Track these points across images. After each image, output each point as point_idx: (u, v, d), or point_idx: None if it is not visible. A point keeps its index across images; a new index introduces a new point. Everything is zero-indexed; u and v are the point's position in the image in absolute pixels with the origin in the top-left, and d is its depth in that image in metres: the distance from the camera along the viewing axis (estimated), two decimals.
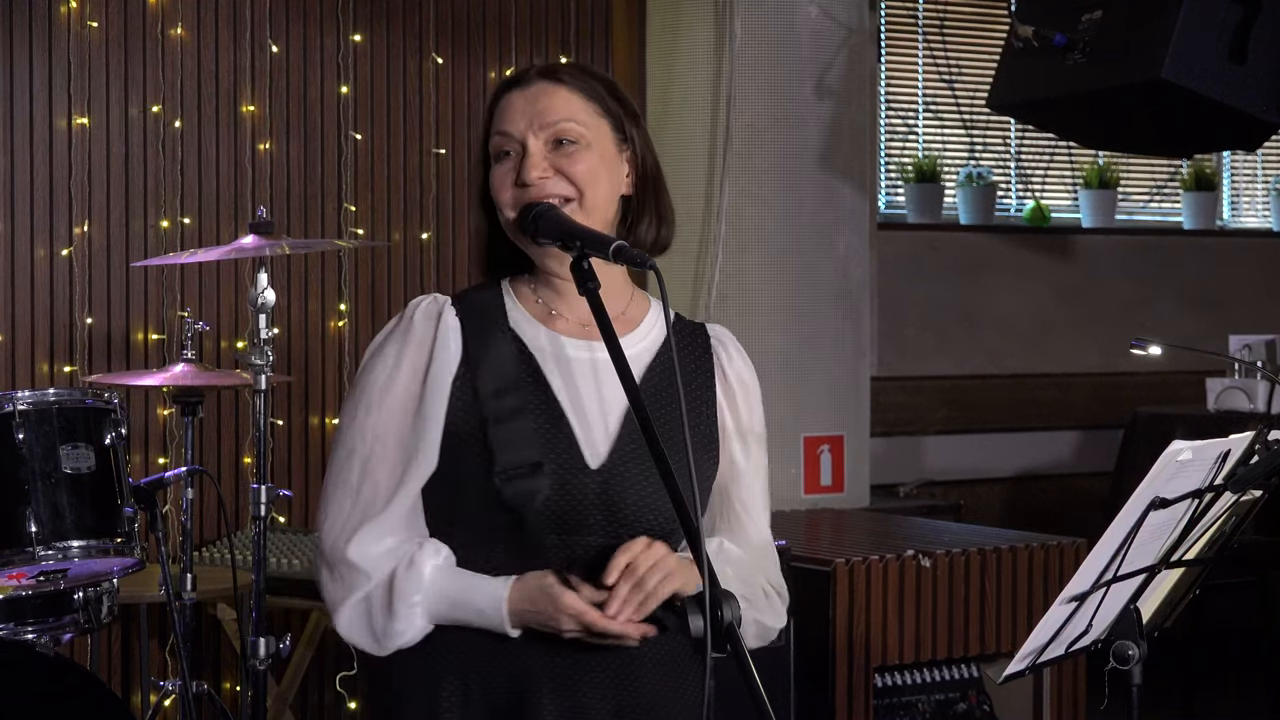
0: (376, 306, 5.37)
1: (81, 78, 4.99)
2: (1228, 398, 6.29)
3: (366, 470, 2.24)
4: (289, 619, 4.91)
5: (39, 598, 3.74)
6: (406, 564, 2.20)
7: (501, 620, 2.18)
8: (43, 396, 3.68)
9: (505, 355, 2.25)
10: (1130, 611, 2.63)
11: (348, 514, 2.23)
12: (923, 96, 7.12)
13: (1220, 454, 2.50)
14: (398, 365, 2.25)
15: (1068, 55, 4.82)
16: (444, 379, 2.23)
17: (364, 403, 2.25)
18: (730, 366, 2.41)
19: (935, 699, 4.57)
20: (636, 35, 5.73)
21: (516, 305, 2.30)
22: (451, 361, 2.24)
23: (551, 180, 2.25)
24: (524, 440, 2.20)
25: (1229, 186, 7.89)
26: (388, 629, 2.21)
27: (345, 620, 2.23)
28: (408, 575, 2.20)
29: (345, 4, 5.33)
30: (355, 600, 2.21)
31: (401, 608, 2.20)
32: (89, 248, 5.00)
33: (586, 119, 2.27)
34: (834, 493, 5.51)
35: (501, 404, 2.21)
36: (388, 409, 2.24)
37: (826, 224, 5.54)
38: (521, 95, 2.29)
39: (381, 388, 2.25)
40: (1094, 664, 2.76)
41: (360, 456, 2.24)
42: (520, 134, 2.26)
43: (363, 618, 2.22)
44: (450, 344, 2.25)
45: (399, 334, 2.27)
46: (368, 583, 2.21)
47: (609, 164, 2.28)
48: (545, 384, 2.24)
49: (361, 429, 2.25)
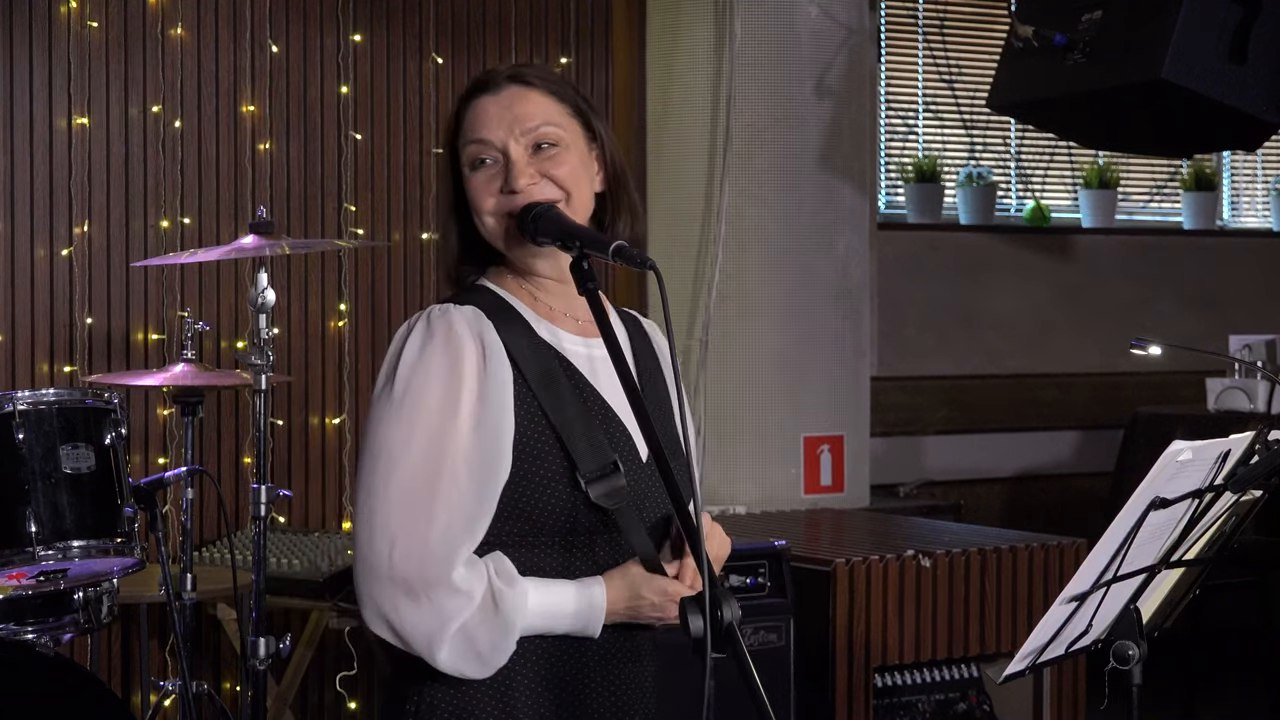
0: (376, 306, 5.37)
1: (81, 78, 4.99)
2: (1228, 398, 6.29)
3: (437, 491, 2.14)
4: (289, 619, 4.91)
5: (39, 598, 3.73)
6: (505, 580, 2.16)
7: (598, 621, 2.19)
8: (42, 396, 3.68)
9: (543, 358, 2.24)
10: (1130, 611, 2.63)
11: (425, 539, 2.13)
12: (923, 96, 7.12)
13: (1220, 454, 2.51)
14: (452, 380, 2.17)
15: (1068, 55, 4.82)
16: (504, 389, 2.19)
17: (421, 421, 2.16)
18: (663, 349, 2.44)
19: (935, 699, 4.57)
20: (636, 35, 5.73)
21: (525, 308, 2.29)
22: (506, 371, 2.20)
23: (539, 185, 2.25)
24: (597, 440, 2.21)
25: (1229, 186, 7.89)
26: (501, 647, 2.15)
27: (449, 650, 2.13)
28: (513, 592, 2.15)
29: (345, 4, 5.33)
30: (458, 627, 2.13)
31: (519, 622, 2.16)
32: (89, 248, 5.00)
33: (561, 120, 2.28)
34: (834, 493, 5.51)
35: (564, 407, 2.21)
36: (451, 426, 2.16)
37: (826, 224, 5.54)
38: (494, 101, 2.28)
39: (439, 404, 2.16)
40: (1094, 664, 2.76)
41: (426, 477, 2.14)
42: (500, 141, 2.25)
43: (467, 643, 2.14)
44: (500, 353, 2.20)
45: (440, 348, 2.18)
46: (470, 606, 2.13)
47: (585, 163, 2.30)
48: (587, 384, 2.26)
49: (424, 449, 2.15)
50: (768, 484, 5.37)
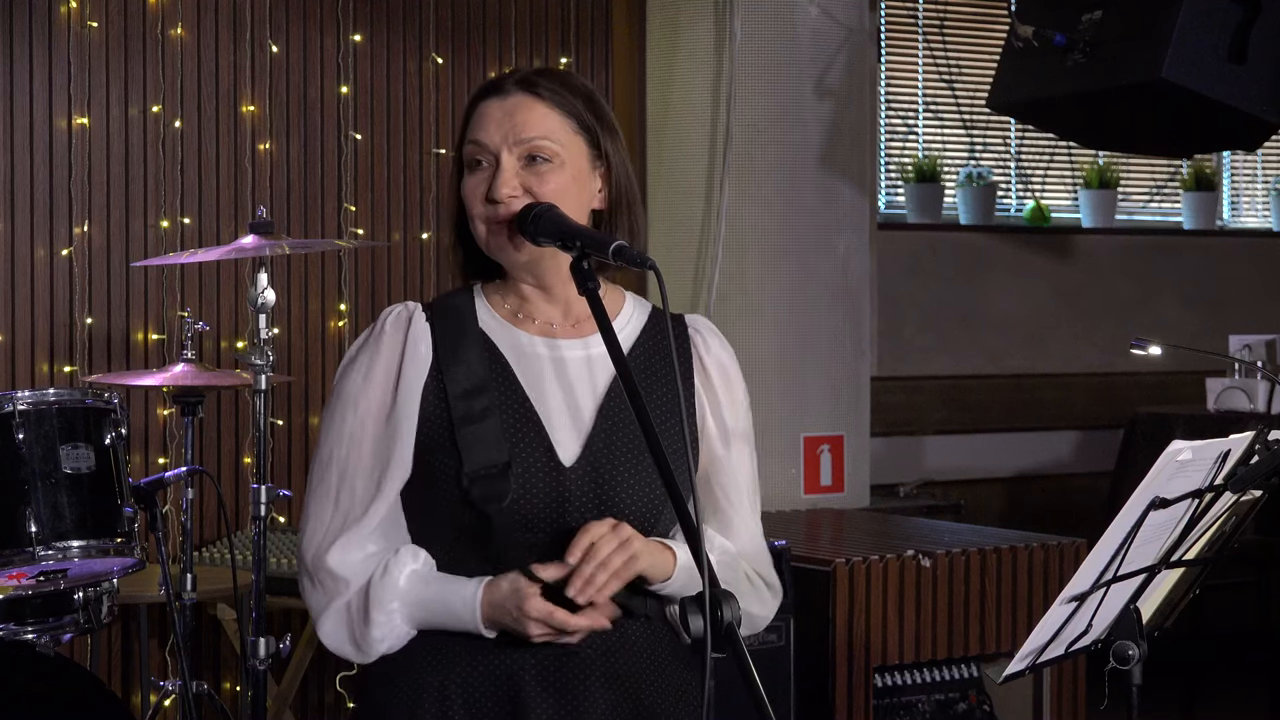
0: (376, 306, 5.36)
1: (81, 78, 5.00)
2: (1228, 398, 6.29)
3: (343, 478, 2.26)
4: (289, 619, 4.91)
5: (39, 598, 3.73)
6: (381, 571, 2.22)
7: (476, 624, 2.19)
8: (43, 396, 3.68)
9: (474, 357, 2.26)
10: (1130, 611, 2.63)
11: (327, 522, 2.26)
12: (923, 96, 7.12)
13: (1220, 454, 2.50)
14: (370, 373, 2.27)
15: (1068, 55, 4.82)
16: (415, 384, 2.25)
17: (339, 412, 2.28)
18: (709, 355, 2.38)
19: (935, 699, 4.57)
20: (636, 35, 5.73)
21: (487, 308, 2.31)
22: (422, 366, 2.25)
23: (519, 199, 2.24)
24: (492, 440, 2.21)
25: (1229, 186, 7.89)
26: (366, 636, 2.23)
27: (327, 629, 2.26)
28: (382, 582, 2.22)
29: (345, 4, 5.33)
30: (336, 608, 2.24)
31: (378, 615, 2.22)
32: (89, 248, 5.00)
33: (562, 136, 2.26)
34: (834, 493, 5.51)
35: (470, 405, 2.22)
36: (361, 417, 2.26)
37: (826, 224, 5.54)
38: (499, 106, 2.27)
39: (355, 396, 2.27)
40: (1094, 664, 2.76)
41: (337, 465, 2.27)
42: (495, 146, 2.26)
43: (343, 626, 2.24)
44: (420, 349, 2.26)
45: (370, 343, 2.29)
46: (347, 590, 2.23)
47: (580, 181, 2.28)
48: (515, 383, 2.25)
49: (338, 437, 2.27)
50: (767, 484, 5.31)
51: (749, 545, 2.40)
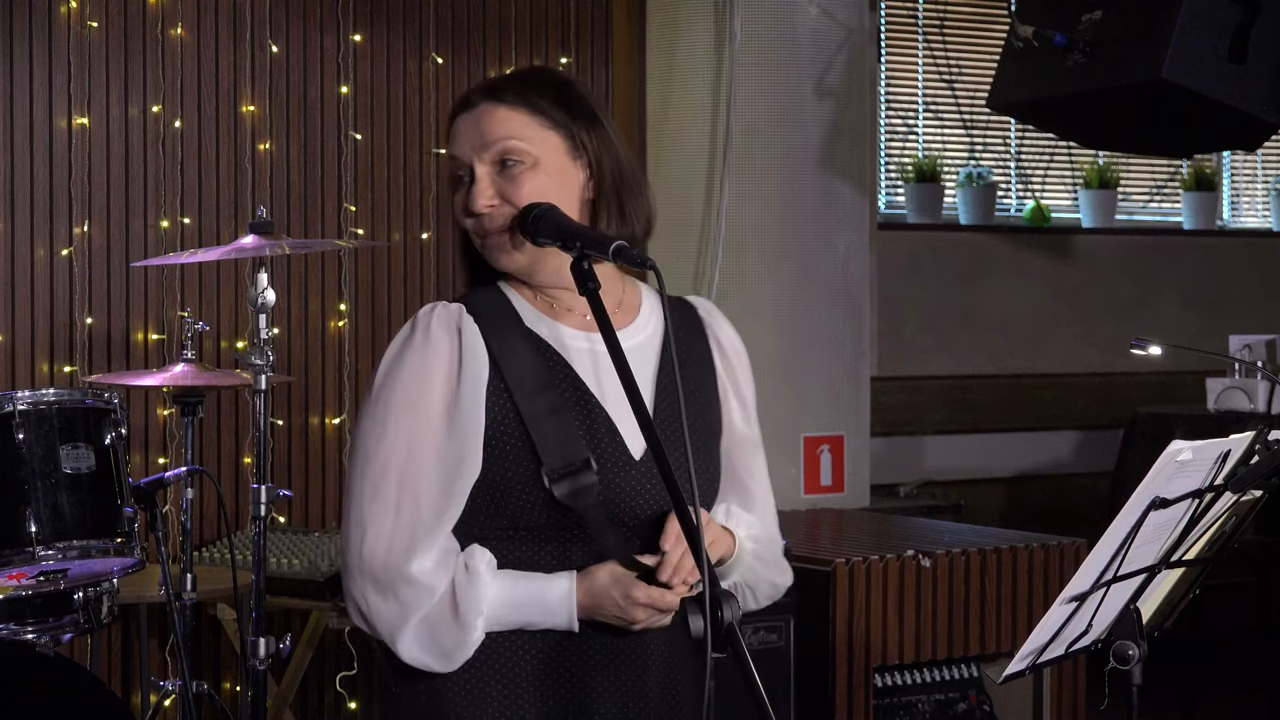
0: (376, 306, 5.37)
1: (81, 78, 4.99)
2: (1228, 398, 6.28)
3: (404, 485, 2.19)
4: (289, 619, 4.91)
5: (39, 598, 3.73)
6: (465, 574, 2.18)
7: (570, 617, 2.19)
8: (42, 396, 3.68)
9: (529, 354, 2.24)
10: (1130, 611, 2.63)
11: (391, 531, 2.18)
12: (923, 96, 7.12)
13: (1220, 454, 2.50)
14: (426, 375, 2.21)
15: (1068, 55, 4.82)
16: (478, 386, 2.20)
17: (392, 417, 2.20)
18: (724, 335, 2.44)
19: (935, 699, 4.57)
20: (636, 35, 5.73)
21: (524, 303, 2.29)
22: (482, 365, 2.21)
23: (499, 208, 2.24)
24: (570, 438, 2.20)
25: (1229, 186, 7.89)
26: (462, 642, 2.18)
27: (410, 642, 2.17)
28: (471, 585, 2.17)
29: (345, 4, 5.33)
30: (419, 620, 2.17)
31: (474, 618, 2.17)
32: (89, 248, 5.00)
33: (530, 134, 2.25)
34: (834, 493, 5.51)
35: (538, 403, 2.20)
36: (422, 422, 2.19)
37: (826, 224, 5.54)
38: (467, 118, 2.28)
39: (411, 401, 2.20)
40: (1094, 664, 2.75)
41: (395, 472, 2.19)
42: (467, 158, 2.26)
43: (429, 636, 2.17)
44: (477, 348, 2.22)
45: (418, 345, 2.22)
46: (430, 599, 2.17)
47: (559, 176, 2.26)
48: (577, 379, 2.25)
49: (394, 444, 2.19)
50: None
51: (770, 520, 2.44)
